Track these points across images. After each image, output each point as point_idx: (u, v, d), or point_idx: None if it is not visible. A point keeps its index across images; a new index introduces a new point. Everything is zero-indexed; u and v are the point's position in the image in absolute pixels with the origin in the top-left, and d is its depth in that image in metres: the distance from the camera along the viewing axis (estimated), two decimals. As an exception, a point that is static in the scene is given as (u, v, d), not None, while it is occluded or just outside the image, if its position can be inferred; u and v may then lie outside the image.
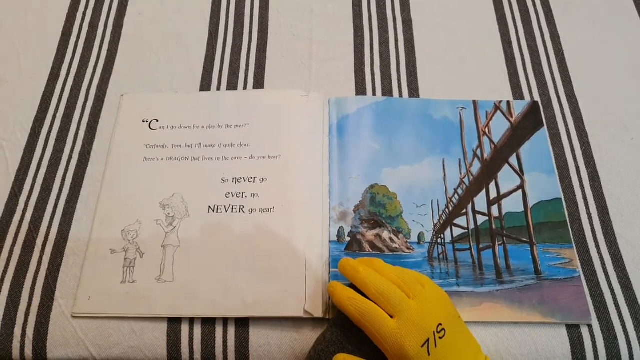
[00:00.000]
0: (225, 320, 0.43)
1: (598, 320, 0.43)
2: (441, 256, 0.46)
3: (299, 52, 0.57)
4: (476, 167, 0.50)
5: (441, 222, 0.47)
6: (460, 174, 0.50)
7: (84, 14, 0.60)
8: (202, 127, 0.52)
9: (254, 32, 0.59)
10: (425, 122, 0.52)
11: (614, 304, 0.43)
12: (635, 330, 0.42)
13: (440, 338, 0.34)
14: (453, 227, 0.47)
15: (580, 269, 0.45)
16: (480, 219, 0.47)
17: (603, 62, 0.57)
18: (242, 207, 0.47)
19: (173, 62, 0.56)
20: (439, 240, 0.46)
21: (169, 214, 0.47)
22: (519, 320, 0.42)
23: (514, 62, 0.57)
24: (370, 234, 0.46)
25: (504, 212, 0.48)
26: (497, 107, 0.53)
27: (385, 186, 0.48)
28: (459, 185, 0.49)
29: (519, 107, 0.53)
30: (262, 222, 0.46)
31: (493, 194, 0.49)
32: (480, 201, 0.48)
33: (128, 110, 0.53)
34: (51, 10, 0.60)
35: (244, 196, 0.48)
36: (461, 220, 0.47)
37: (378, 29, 0.59)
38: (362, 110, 0.52)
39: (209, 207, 0.47)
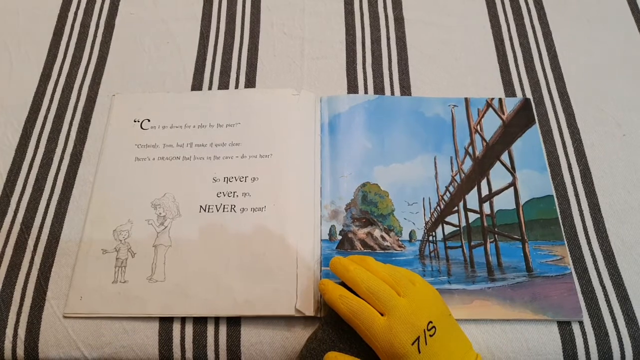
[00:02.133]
0: (216, 320, 0.43)
1: (589, 317, 0.43)
2: (432, 254, 0.46)
3: (291, 50, 0.57)
4: (468, 164, 0.50)
5: (432, 219, 0.47)
6: (452, 171, 0.50)
7: (76, 14, 0.60)
8: (194, 126, 0.52)
9: (246, 31, 0.59)
10: (417, 120, 0.52)
11: (605, 300, 0.43)
12: (626, 326, 0.42)
13: (430, 336, 0.34)
14: (444, 224, 0.47)
15: (571, 266, 0.45)
16: (472, 217, 0.47)
17: (595, 59, 0.57)
18: (233, 207, 0.47)
19: (164, 62, 0.56)
20: (431, 238, 0.46)
21: (160, 213, 0.47)
22: (511, 318, 0.42)
23: (506, 60, 0.57)
24: (361, 232, 0.46)
25: (495, 209, 0.48)
26: (489, 105, 0.53)
27: (376, 184, 0.48)
28: (450, 183, 0.49)
29: (510, 105, 0.53)
30: (254, 221, 0.46)
31: (485, 192, 0.49)
32: (471, 199, 0.48)
33: (119, 111, 0.53)
34: (42, 10, 0.60)
35: (235, 195, 0.48)
36: (453, 218, 0.47)
37: (370, 27, 0.59)
38: (354, 109, 0.52)
39: (201, 206, 0.47)
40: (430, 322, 0.35)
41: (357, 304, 0.36)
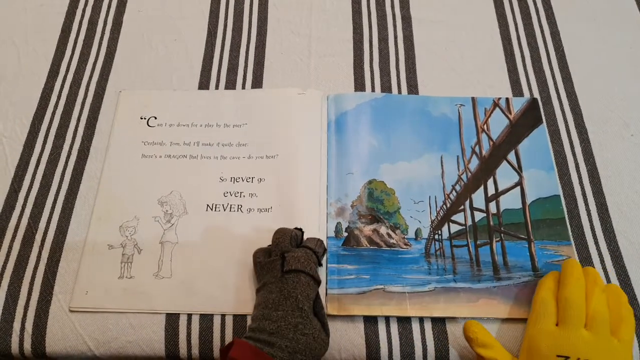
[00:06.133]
0: (223, 316, 0.43)
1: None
2: (438, 252, 0.46)
3: (298, 48, 0.57)
4: (474, 163, 0.50)
5: (438, 218, 0.47)
6: (459, 170, 0.49)
7: (84, 10, 0.60)
8: (200, 125, 0.52)
9: (253, 29, 0.59)
10: (424, 118, 0.52)
11: (613, 301, 0.43)
12: (633, 327, 0.42)
13: None
14: (450, 223, 0.47)
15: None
16: (478, 216, 0.47)
17: (603, 59, 0.57)
18: (240, 207, 0.47)
19: (172, 59, 0.56)
20: (436, 237, 0.46)
21: (167, 211, 0.47)
22: (516, 317, 0.42)
23: (513, 59, 0.57)
24: (367, 229, 0.46)
25: (502, 208, 0.47)
26: (496, 104, 0.53)
27: (383, 182, 0.48)
28: (456, 182, 0.49)
29: (517, 104, 0.53)
30: (260, 221, 0.46)
31: (491, 191, 0.48)
32: (478, 198, 0.48)
33: (126, 107, 0.53)
34: (51, 6, 0.60)
35: (242, 195, 0.48)
36: (459, 217, 0.47)
37: (377, 26, 0.59)
38: (360, 107, 0.52)
39: (207, 205, 0.47)
40: None
41: (545, 303, 0.38)
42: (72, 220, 0.47)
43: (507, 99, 0.53)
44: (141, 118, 0.52)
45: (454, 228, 0.47)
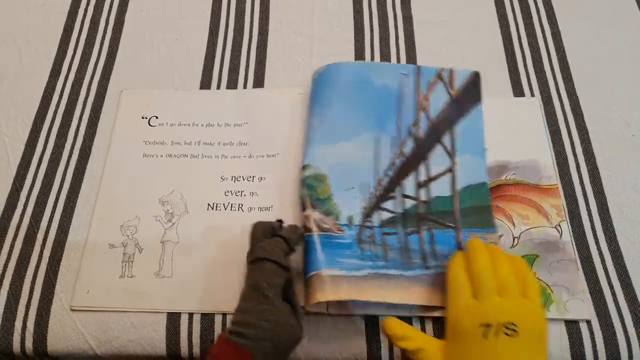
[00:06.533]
0: (224, 315, 0.43)
1: (597, 317, 0.42)
2: (369, 239, 0.45)
3: (300, 48, 0.57)
4: (409, 147, 0.49)
5: (370, 205, 0.46)
6: (393, 154, 0.49)
7: (86, 10, 0.60)
8: (201, 125, 0.52)
9: (255, 28, 0.59)
10: (364, 91, 0.50)
11: (613, 300, 0.43)
12: (634, 326, 0.42)
13: (506, 334, 0.34)
14: (382, 210, 0.46)
15: (579, 265, 0.45)
16: (409, 203, 0.47)
17: (604, 59, 0.57)
18: (241, 206, 0.47)
19: (174, 58, 0.57)
20: (368, 224, 0.45)
21: (168, 210, 0.47)
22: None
23: (514, 59, 0.57)
24: (301, 216, 0.45)
25: (432, 195, 0.47)
26: (439, 76, 0.52)
27: (315, 167, 0.47)
28: (389, 167, 0.48)
29: (461, 79, 0.52)
30: (261, 220, 0.46)
31: (423, 177, 0.48)
32: (410, 184, 0.47)
33: (127, 107, 0.53)
34: (53, 6, 0.61)
35: (242, 194, 0.48)
36: (389, 204, 0.46)
37: (379, 26, 0.59)
38: (314, 82, 0.51)
39: (208, 204, 0.47)
40: (514, 324, 0.34)
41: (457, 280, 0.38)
42: (73, 220, 0.47)
43: (450, 71, 0.52)
44: (142, 117, 0.52)
45: (385, 215, 0.46)
